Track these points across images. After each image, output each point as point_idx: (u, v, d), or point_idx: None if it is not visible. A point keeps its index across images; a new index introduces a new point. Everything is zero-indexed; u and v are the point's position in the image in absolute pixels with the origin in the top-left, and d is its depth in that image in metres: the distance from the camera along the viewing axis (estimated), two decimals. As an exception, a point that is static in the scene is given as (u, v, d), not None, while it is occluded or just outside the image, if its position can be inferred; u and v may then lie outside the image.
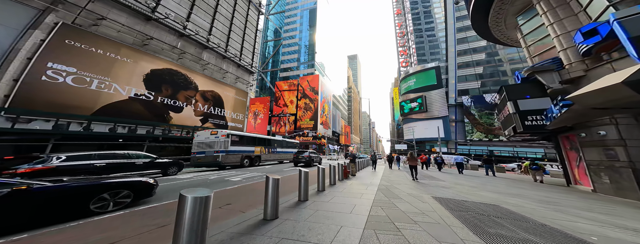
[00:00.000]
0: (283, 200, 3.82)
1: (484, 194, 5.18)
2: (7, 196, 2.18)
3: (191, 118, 14.28)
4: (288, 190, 5.01)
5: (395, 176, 8.73)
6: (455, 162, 12.56)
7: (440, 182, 7.23)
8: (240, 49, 23.13)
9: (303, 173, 3.92)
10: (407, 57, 56.47)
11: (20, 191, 2.29)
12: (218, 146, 8.71)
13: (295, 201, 3.77)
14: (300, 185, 3.93)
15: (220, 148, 8.74)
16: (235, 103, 20.56)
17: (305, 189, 3.94)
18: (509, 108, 7.57)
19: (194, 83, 14.77)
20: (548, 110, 5.73)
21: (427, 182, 7.13)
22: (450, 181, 7.63)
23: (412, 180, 7.32)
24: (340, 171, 7.42)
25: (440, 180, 7.75)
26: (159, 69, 12.04)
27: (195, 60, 15.78)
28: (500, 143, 30.85)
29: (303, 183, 3.93)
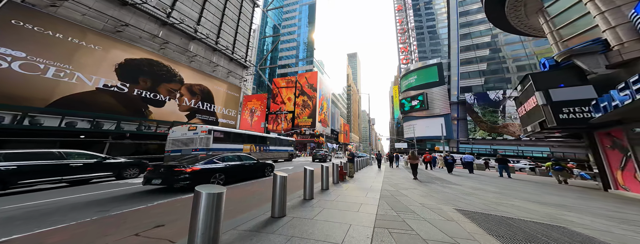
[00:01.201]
0: (249, 216, 2.69)
1: (521, 204, 4.04)
2: (255, 164, 6.51)
3: (175, 113, 13.06)
4: (264, 199, 3.85)
5: (398, 178, 7.60)
6: (464, 161, 11.56)
7: (456, 186, 6.10)
8: (232, 42, 21.81)
9: (279, 179, 2.76)
10: (408, 54, 55.22)
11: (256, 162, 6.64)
12: (197, 144, 7.53)
13: (266, 218, 2.62)
14: (275, 195, 2.77)
15: (199, 145, 7.57)
16: (227, 99, 19.31)
17: (281, 201, 2.78)
18: (536, 100, 6.40)
19: (178, 76, 13.52)
20: (602, 99, 4.57)
21: (440, 186, 6.00)
22: (466, 184, 6.50)
23: (414, 179, 7.18)
24: (336, 173, 6.28)
25: (453, 183, 6.62)
26: (136, 59, 10.78)
27: (180, 51, 14.51)
28: (504, 141, 29.85)
29: (278, 193, 2.77)
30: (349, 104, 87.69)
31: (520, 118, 8.06)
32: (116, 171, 5.51)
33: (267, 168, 6.94)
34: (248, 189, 5.01)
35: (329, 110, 52.96)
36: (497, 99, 31.14)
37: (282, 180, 2.72)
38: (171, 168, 4.39)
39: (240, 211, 3.03)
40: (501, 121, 30.20)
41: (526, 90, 7.15)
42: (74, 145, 7.44)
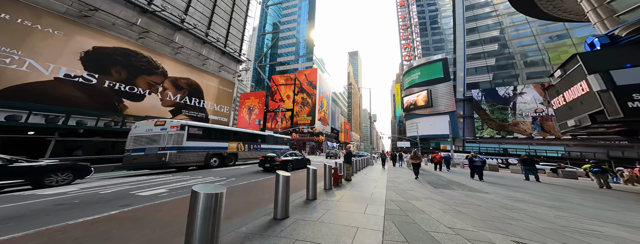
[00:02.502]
0: None
1: (610, 230, 2.72)
2: (300, 159, 9.46)
3: (157, 108, 11.91)
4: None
5: (405, 181, 6.31)
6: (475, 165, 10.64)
7: (483, 195, 4.77)
8: (225, 35, 20.58)
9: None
10: (411, 51, 53.49)
11: (303, 158, 10.14)
12: (165, 142, 6.32)
13: None
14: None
15: (168, 143, 6.36)
16: (219, 94, 18.14)
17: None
18: (587, 85, 4.94)
19: (161, 68, 12.35)
20: None
21: (462, 194, 4.69)
22: (495, 191, 5.15)
23: (415, 179, 7.19)
24: (328, 176, 5.02)
25: (477, 190, 5.29)
26: (108, 48, 9.61)
27: (164, 42, 13.32)
28: (514, 140, 28.20)
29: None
30: (349, 103, 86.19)
31: (557, 111, 6.62)
32: (33, 178, 4.36)
33: (307, 162, 9.98)
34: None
35: (329, 108, 51.64)
36: (506, 96, 29.45)
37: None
38: (273, 158, 8.03)
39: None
40: (511, 119, 28.53)
41: (570, 75, 5.67)
42: (22, 143, 6.31)
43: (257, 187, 5.34)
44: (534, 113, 27.11)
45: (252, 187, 5.31)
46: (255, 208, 3.25)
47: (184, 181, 5.61)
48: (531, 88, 27.85)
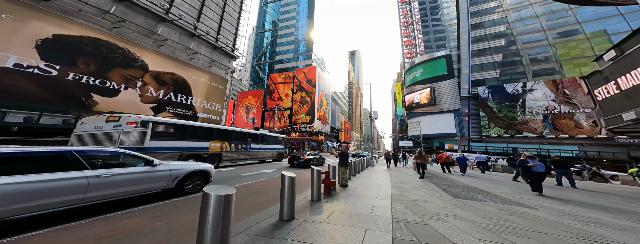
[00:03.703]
0: None
1: None
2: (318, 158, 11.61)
3: (135, 104, 10.81)
4: None
5: (415, 187, 5.11)
6: (477, 161, 10.29)
7: (533, 211, 3.54)
8: (217, 29, 19.50)
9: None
10: (413, 48, 52.12)
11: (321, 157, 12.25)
12: (119, 141, 5.14)
13: None
14: None
15: (123, 143, 5.19)
16: (209, 91, 17.04)
17: None
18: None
19: (140, 61, 11.25)
20: None
21: (495, 208, 3.46)
22: (548, 207, 3.90)
23: (420, 178, 6.99)
24: (317, 185, 3.84)
25: (522, 204, 4.04)
26: (72, 36, 8.51)
27: (144, 33, 12.23)
28: (523, 139, 26.74)
29: None
30: (350, 102, 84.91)
31: (603, 103, 5.32)
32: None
33: (324, 160, 11.66)
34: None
35: (329, 107, 50.43)
36: (515, 92, 27.99)
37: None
38: (300, 156, 10.66)
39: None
40: (520, 117, 27.07)
41: (631, 55, 4.34)
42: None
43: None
44: (545, 110, 25.64)
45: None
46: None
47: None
48: (542, 85, 26.38)
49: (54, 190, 2.35)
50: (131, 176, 3.08)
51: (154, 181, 3.34)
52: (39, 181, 2.27)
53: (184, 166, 3.85)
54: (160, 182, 3.42)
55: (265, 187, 4.99)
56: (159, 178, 3.39)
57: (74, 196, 2.50)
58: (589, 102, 23.61)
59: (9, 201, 2.05)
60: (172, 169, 3.61)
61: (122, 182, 2.97)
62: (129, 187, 3.05)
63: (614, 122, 5.01)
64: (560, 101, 24.89)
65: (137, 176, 3.15)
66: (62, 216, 2.63)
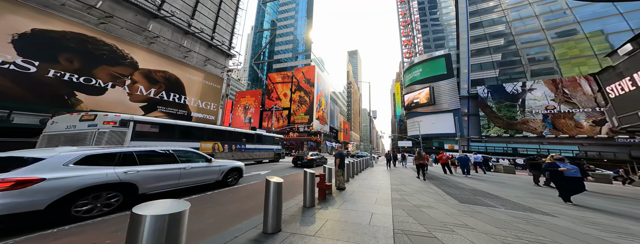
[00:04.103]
0: None
1: None
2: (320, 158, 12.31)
3: (124, 104, 10.34)
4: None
5: (417, 191, 4.74)
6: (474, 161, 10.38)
7: (552, 219, 3.16)
8: (213, 26, 19.04)
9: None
10: (412, 47, 52.01)
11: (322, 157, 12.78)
12: (94, 142, 4.68)
13: None
14: None
15: (99, 144, 4.76)
16: (204, 90, 16.57)
17: None
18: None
19: (129, 58, 10.78)
20: None
21: (523, 221, 3.07)
22: (566, 214, 3.50)
23: (417, 178, 7.06)
24: (310, 189, 3.47)
25: (536, 210, 3.66)
26: (54, 31, 8.03)
27: (134, 30, 11.75)
28: (523, 139, 26.57)
29: None
30: (349, 102, 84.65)
31: (616, 100, 4.99)
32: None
33: (326, 160, 11.89)
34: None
35: (328, 107, 50.06)
36: (515, 92, 27.83)
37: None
38: (303, 157, 11.23)
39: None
40: (520, 116, 26.90)
41: None
42: None
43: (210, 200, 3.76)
44: (545, 110, 25.49)
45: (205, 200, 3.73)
46: None
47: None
48: (541, 84, 26.23)
49: (167, 176, 3.59)
50: (199, 169, 4.20)
51: (211, 173, 4.47)
52: (160, 169, 3.53)
53: (227, 164, 4.98)
54: (214, 175, 4.54)
55: (256, 191, 4.75)
56: (213, 172, 4.52)
57: (175, 181, 3.73)
58: (589, 101, 23.47)
59: (150, 181, 3.33)
60: (221, 165, 4.75)
61: (196, 173, 4.12)
62: (198, 177, 4.18)
63: (629, 120, 4.68)
64: (560, 100, 24.75)
65: (202, 170, 4.26)
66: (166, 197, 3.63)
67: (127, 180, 3.03)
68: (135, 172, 3.15)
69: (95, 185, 2.72)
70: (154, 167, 3.45)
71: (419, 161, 7.38)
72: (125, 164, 3.14)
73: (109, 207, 2.88)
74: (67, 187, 2.50)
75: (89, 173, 2.73)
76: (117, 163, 3.06)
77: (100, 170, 2.84)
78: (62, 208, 2.49)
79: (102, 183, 2.78)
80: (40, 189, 2.33)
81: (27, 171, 2.36)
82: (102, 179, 2.79)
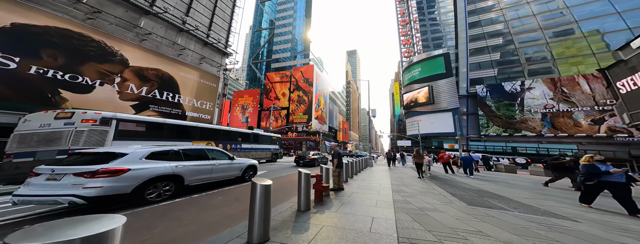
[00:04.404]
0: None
1: None
2: (321, 157, 12.92)
3: (113, 102, 9.92)
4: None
5: (419, 192, 4.44)
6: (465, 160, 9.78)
7: (576, 225, 2.84)
8: (208, 24, 18.64)
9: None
10: (410, 47, 51.96)
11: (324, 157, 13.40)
12: (71, 142, 4.24)
13: None
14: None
15: (77, 144, 4.33)
16: (200, 89, 16.17)
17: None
18: None
19: (119, 56, 10.37)
20: None
21: (544, 227, 2.77)
22: (590, 218, 3.15)
23: (418, 178, 7.03)
24: (305, 191, 3.16)
25: (556, 215, 3.34)
26: (36, 26, 7.60)
27: (124, 26, 11.33)
28: (522, 138, 26.50)
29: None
30: (348, 102, 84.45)
31: (626, 96, 4.72)
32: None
33: (327, 160, 12.03)
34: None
35: (327, 107, 49.76)
36: (513, 91, 27.77)
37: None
38: (305, 156, 11.59)
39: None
40: (519, 115, 26.83)
41: None
42: None
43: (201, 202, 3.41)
44: (544, 109, 25.44)
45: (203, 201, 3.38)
46: None
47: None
48: (540, 83, 26.19)
49: (203, 171, 4.17)
50: (225, 166, 4.83)
51: (233, 170, 5.09)
52: (198, 165, 4.10)
53: (245, 161, 5.61)
54: (235, 171, 5.15)
55: (247, 194, 4.48)
56: (235, 168, 5.14)
57: (208, 175, 4.30)
58: (587, 100, 23.46)
59: (191, 174, 3.90)
60: (240, 163, 5.36)
61: (222, 169, 4.73)
62: (224, 173, 4.81)
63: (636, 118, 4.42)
64: (559, 99, 24.72)
65: (226, 166, 4.88)
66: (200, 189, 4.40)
67: (177, 173, 3.70)
68: (182, 166, 3.82)
69: (160, 175, 3.43)
70: (194, 163, 4.10)
71: (417, 160, 7.62)
72: (175, 160, 3.80)
73: (167, 194, 3.57)
74: (144, 176, 3.23)
75: (156, 165, 3.44)
76: (170, 159, 3.73)
77: (161, 163, 3.54)
78: (140, 192, 3.20)
79: (163, 174, 3.47)
80: (128, 176, 3.06)
81: (119, 163, 3.09)
82: (163, 171, 3.49)
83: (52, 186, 2.72)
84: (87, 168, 2.85)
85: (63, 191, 2.67)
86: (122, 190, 3.00)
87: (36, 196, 2.62)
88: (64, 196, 2.63)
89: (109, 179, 2.89)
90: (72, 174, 2.79)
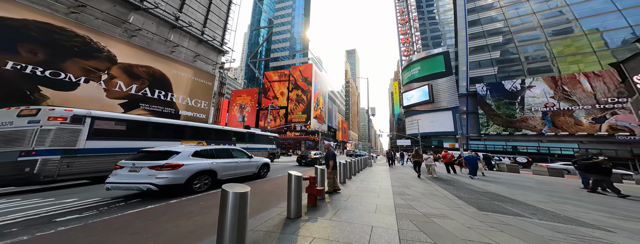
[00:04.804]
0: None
1: None
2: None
3: (100, 100, 9.45)
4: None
5: (423, 195, 4.07)
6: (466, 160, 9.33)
7: (610, 236, 2.48)
8: (203, 21, 18.16)
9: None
10: (410, 45, 51.67)
11: None
12: (34, 141, 3.89)
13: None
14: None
15: (42, 144, 3.85)
16: (194, 87, 15.71)
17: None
18: None
19: (106, 52, 9.89)
20: None
21: (575, 239, 2.39)
22: (619, 227, 2.82)
23: (418, 177, 6.91)
24: (296, 196, 2.77)
25: (581, 223, 2.95)
26: (13, 19, 7.13)
27: (112, 22, 10.83)
28: (522, 137, 26.26)
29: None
30: (347, 101, 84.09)
31: None
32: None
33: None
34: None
35: (326, 106, 49.35)
36: (514, 89, 27.51)
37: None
38: (307, 156, 11.62)
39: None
40: (519, 114, 26.58)
41: None
42: None
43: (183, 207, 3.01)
44: (544, 108, 25.19)
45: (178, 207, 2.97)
46: None
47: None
48: (541, 81, 25.94)
49: (230, 167, 5.00)
50: (245, 164, 5.51)
51: (252, 167, 5.76)
52: (226, 162, 4.96)
53: (260, 160, 6.22)
54: (253, 168, 5.79)
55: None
56: (253, 166, 5.80)
57: (233, 171, 5.12)
58: (588, 98, 23.23)
59: (222, 170, 4.71)
60: (257, 161, 6.01)
61: (244, 166, 5.48)
62: (245, 169, 5.50)
63: None
64: (560, 98, 24.48)
65: (246, 164, 5.56)
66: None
67: (213, 168, 4.44)
68: (216, 163, 4.58)
69: (202, 170, 4.16)
70: (223, 160, 4.85)
71: (416, 159, 7.66)
72: (210, 157, 4.55)
73: (206, 186, 4.27)
74: (192, 170, 3.95)
75: (199, 162, 4.18)
76: (207, 157, 4.46)
77: (202, 160, 4.28)
78: (190, 183, 3.90)
79: (204, 169, 4.20)
80: (182, 170, 3.78)
81: (175, 159, 3.82)
82: (204, 166, 4.22)
83: (134, 176, 3.60)
84: (156, 163, 3.69)
85: (142, 180, 3.54)
86: (179, 181, 3.79)
87: (124, 183, 3.51)
88: (144, 184, 3.49)
89: (171, 172, 3.71)
90: (148, 167, 3.64)
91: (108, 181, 3.53)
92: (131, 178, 3.57)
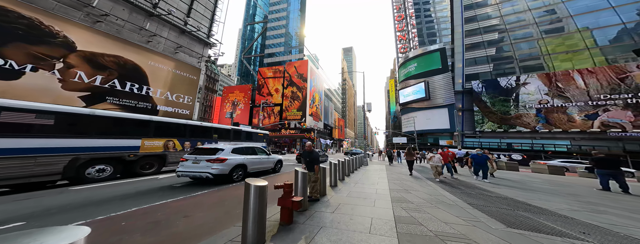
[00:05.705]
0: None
1: None
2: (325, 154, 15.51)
3: (53, 91, 8.14)
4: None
5: (428, 201, 3.26)
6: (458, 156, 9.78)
7: None
8: (187, 10, 16.70)
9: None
10: (406, 42, 51.15)
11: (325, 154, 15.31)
12: None
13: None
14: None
15: None
16: (175, 81, 14.39)
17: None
18: None
19: (62, 37, 8.52)
20: None
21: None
22: None
23: (409, 175, 7.16)
24: (257, 213, 1.83)
25: None
26: None
27: (71, 5, 9.38)
28: (517, 134, 26.28)
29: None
30: (344, 99, 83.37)
31: None
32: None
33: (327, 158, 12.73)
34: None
35: (322, 104, 48.35)
36: (508, 86, 27.42)
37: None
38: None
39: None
40: (513, 111, 26.55)
41: None
42: None
43: None
44: (538, 104, 25.20)
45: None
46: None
47: None
48: (535, 78, 25.91)
49: (256, 162, 6.30)
50: (265, 159, 6.87)
51: (270, 163, 7.21)
52: (253, 158, 6.23)
53: (275, 157, 7.62)
54: (271, 164, 7.25)
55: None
56: (271, 162, 7.25)
57: (257, 166, 6.42)
58: (581, 95, 23.34)
59: (250, 164, 6.04)
60: (274, 157, 7.48)
61: (265, 161, 6.86)
62: (266, 165, 6.90)
63: None
64: (554, 94, 24.51)
65: (266, 159, 6.93)
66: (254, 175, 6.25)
67: (245, 163, 5.78)
68: (247, 158, 5.91)
69: (239, 163, 5.53)
70: (251, 156, 6.15)
71: (408, 157, 7.67)
72: (241, 153, 5.87)
73: (241, 176, 5.60)
74: (233, 163, 5.33)
75: (237, 157, 5.59)
76: (240, 153, 5.81)
77: (238, 156, 5.68)
78: (231, 174, 5.24)
79: (239, 163, 5.55)
80: (227, 163, 5.15)
81: (222, 154, 5.24)
82: (240, 161, 5.59)
83: (197, 166, 4.96)
84: (210, 157, 5.06)
85: (203, 169, 4.88)
86: (225, 172, 5.03)
87: (190, 171, 4.92)
88: (204, 173, 4.84)
89: (220, 164, 4.99)
90: (206, 160, 4.97)
91: (178, 170, 4.97)
92: (195, 168, 4.92)
